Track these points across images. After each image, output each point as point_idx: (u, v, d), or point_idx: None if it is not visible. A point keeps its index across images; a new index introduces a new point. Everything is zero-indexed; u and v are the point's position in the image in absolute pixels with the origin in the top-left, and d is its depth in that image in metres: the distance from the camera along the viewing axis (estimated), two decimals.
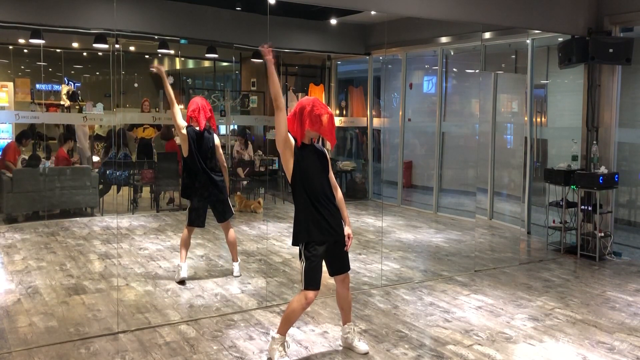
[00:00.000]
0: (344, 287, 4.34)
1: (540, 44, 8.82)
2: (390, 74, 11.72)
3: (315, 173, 4.10)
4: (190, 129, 5.92)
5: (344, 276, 4.31)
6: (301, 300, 4.08)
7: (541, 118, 9.26)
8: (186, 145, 5.87)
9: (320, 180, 4.12)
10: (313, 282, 4.09)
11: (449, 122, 10.42)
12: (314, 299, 4.14)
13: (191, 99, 6.11)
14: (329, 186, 4.18)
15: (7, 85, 10.29)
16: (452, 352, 4.40)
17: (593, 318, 5.21)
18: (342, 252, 4.25)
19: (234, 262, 6.28)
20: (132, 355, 4.26)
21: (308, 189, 4.07)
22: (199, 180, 5.91)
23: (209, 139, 5.98)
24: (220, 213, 6.09)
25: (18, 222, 8.76)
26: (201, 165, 5.89)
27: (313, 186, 4.07)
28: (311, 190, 4.07)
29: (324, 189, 4.12)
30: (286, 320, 4.15)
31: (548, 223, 7.89)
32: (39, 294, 5.56)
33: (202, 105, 5.96)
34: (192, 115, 5.94)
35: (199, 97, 6.18)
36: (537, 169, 8.94)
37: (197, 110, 5.92)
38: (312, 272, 4.08)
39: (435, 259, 7.29)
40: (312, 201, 4.06)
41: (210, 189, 5.94)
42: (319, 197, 4.08)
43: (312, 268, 4.08)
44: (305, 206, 4.07)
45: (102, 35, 8.94)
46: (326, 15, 10.22)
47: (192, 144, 5.87)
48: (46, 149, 10.30)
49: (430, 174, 10.54)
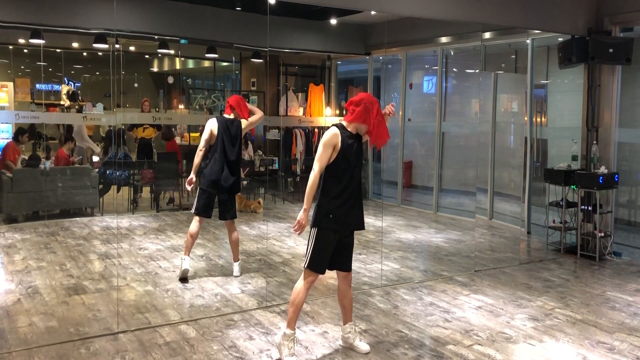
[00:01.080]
0: (346, 284, 4.38)
1: (540, 44, 8.81)
2: (390, 74, 11.72)
3: (354, 165, 4.19)
4: (222, 118, 6.06)
5: (346, 273, 4.35)
6: (305, 281, 4.19)
7: (541, 118, 9.26)
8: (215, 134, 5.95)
9: (355, 172, 4.22)
10: (318, 266, 4.19)
11: (449, 122, 10.42)
12: (315, 280, 4.24)
13: (233, 95, 6.32)
14: (359, 180, 4.28)
15: (7, 85, 10.29)
16: (452, 352, 4.40)
17: (593, 318, 5.21)
18: (349, 250, 4.32)
19: (234, 262, 6.28)
20: (132, 355, 4.26)
21: (345, 177, 4.14)
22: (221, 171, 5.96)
23: (238, 126, 6.10)
24: (228, 211, 6.11)
25: (18, 222, 8.75)
26: (226, 155, 5.98)
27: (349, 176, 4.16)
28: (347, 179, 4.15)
29: (356, 181, 4.24)
30: (293, 307, 4.19)
31: (548, 223, 7.89)
32: (39, 294, 5.56)
33: (242, 100, 6.17)
34: (233, 105, 6.07)
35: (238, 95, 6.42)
36: (537, 169, 8.94)
37: (238, 102, 6.10)
38: (320, 256, 4.18)
39: (435, 259, 7.29)
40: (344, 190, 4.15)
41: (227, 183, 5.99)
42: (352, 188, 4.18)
43: (320, 252, 4.16)
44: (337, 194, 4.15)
45: (102, 35, 8.94)
46: (326, 15, 10.22)
47: (222, 133, 5.97)
48: (46, 149, 10.30)
49: (430, 174, 10.54)
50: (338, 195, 4.16)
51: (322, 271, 4.24)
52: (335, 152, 4.10)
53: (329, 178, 4.17)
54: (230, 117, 6.09)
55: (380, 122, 4.15)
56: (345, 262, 4.33)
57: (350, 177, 4.17)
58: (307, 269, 4.20)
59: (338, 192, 4.16)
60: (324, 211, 4.15)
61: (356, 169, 4.22)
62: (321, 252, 4.17)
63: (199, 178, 6.15)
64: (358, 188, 4.26)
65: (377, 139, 4.19)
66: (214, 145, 6.01)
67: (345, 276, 4.36)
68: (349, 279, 4.38)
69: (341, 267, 4.33)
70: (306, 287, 4.21)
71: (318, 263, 4.19)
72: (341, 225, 4.18)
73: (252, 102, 12.17)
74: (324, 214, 4.14)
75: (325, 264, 4.22)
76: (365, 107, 4.13)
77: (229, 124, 6.05)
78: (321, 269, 4.22)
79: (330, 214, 4.13)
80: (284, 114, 11.59)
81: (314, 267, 4.19)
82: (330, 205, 4.15)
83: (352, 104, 4.21)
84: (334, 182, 4.16)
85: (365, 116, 4.13)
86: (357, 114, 4.14)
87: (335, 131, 4.14)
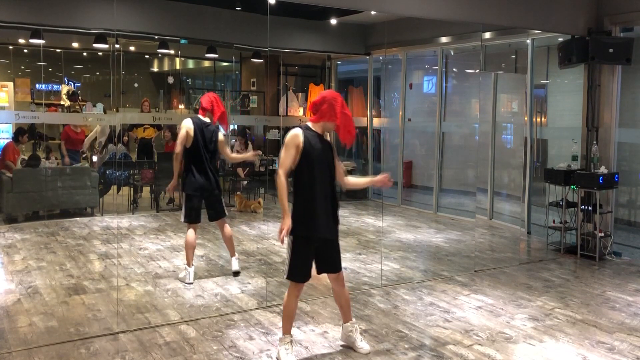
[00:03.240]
0: (339, 284, 4.30)
1: (540, 44, 8.81)
2: (390, 74, 11.72)
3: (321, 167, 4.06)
4: (197, 119, 5.90)
5: (336, 275, 4.27)
6: (290, 292, 4.11)
7: (541, 118, 9.27)
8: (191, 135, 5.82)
9: (324, 176, 4.09)
10: (298, 276, 4.08)
11: (449, 122, 10.42)
12: (302, 288, 4.15)
13: (205, 94, 6.14)
14: (332, 180, 4.15)
15: (7, 85, 10.30)
16: (452, 352, 4.40)
17: (593, 318, 5.21)
18: (332, 252, 4.21)
19: (232, 257, 6.27)
20: (132, 355, 4.26)
21: (312, 180, 4.02)
22: (202, 174, 5.87)
23: (214, 132, 5.96)
24: (216, 211, 6.08)
25: (18, 222, 8.75)
26: (205, 158, 5.87)
27: (317, 178, 4.03)
28: (315, 183, 4.03)
29: (327, 187, 4.10)
30: (285, 317, 4.16)
31: (548, 223, 7.89)
32: (39, 294, 5.56)
33: (216, 99, 6.00)
34: (206, 107, 5.95)
35: (212, 92, 6.22)
36: (537, 169, 8.94)
37: (211, 103, 5.95)
38: (300, 265, 4.07)
39: (435, 259, 7.29)
40: (315, 193, 4.03)
41: (210, 184, 5.92)
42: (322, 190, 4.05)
43: (300, 261, 4.07)
44: (305, 199, 4.04)
45: (102, 35, 8.94)
46: (326, 15, 10.22)
47: (198, 134, 5.83)
48: (46, 149, 10.31)
49: (430, 174, 10.54)
50: (306, 200, 4.02)
51: (303, 279, 4.10)
52: (299, 153, 3.98)
53: (297, 183, 4.05)
54: (205, 120, 5.93)
55: (346, 116, 4.09)
56: (332, 265, 4.22)
57: (319, 181, 4.02)
58: (292, 282, 4.10)
59: (306, 197, 4.03)
60: (293, 217, 4.02)
61: (325, 173, 4.07)
62: (298, 261, 4.05)
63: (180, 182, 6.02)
64: (330, 194, 4.11)
65: (345, 134, 4.10)
66: (191, 149, 5.84)
67: (336, 277, 4.27)
68: (340, 279, 4.29)
69: (329, 270, 4.23)
70: (294, 297, 4.12)
71: (297, 272, 4.07)
72: (310, 232, 4.04)
73: (252, 102, 12.19)
74: (294, 220, 4.01)
75: (306, 271, 4.09)
76: (329, 104, 4.05)
77: (204, 127, 5.88)
78: (301, 278, 4.09)
79: (298, 221, 4.01)
80: (284, 114, 11.60)
81: (293, 277, 4.07)
82: (298, 212, 4.03)
83: (315, 104, 4.11)
84: (301, 187, 4.04)
85: (331, 113, 4.05)
86: (322, 112, 4.06)
87: (297, 131, 4.01)
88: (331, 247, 4.20)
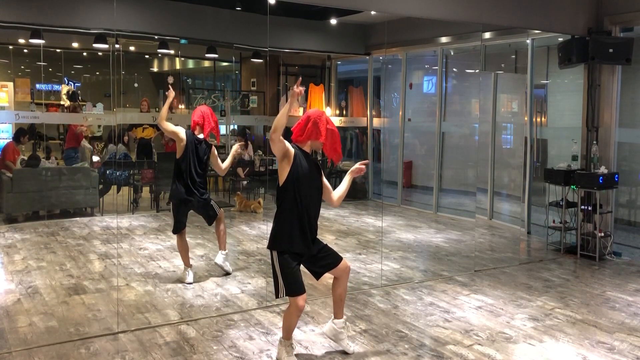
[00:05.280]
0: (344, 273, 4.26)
1: (540, 44, 8.81)
2: (390, 74, 11.72)
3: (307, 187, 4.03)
4: (190, 135, 5.92)
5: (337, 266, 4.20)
6: (292, 309, 4.03)
7: (541, 118, 9.27)
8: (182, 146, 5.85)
9: (311, 192, 4.07)
10: (297, 289, 4.00)
11: (449, 122, 10.42)
12: (304, 303, 4.05)
13: (196, 107, 6.15)
14: (318, 201, 4.13)
15: (7, 85, 10.29)
16: (452, 352, 4.40)
17: (593, 318, 5.21)
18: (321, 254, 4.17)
19: (220, 250, 6.24)
20: (132, 355, 4.26)
21: (299, 198, 3.99)
22: (189, 187, 5.87)
23: (206, 151, 5.98)
24: (209, 215, 6.11)
25: (18, 222, 8.75)
26: (191, 174, 5.87)
27: (304, 197, 4.00)
28: (301, 200, 3.99)
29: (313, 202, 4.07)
30: (286, 328, 4.14)
31: (548, 223, 7.89)
32: (39, 294, 5.56)
33: (206, 114, 5.99)
34: (198, 121, 5.96)
35: (205, 105, 6.21)
36: (537, 169, 8.94)
37: (202, 117, 5.96)
38: (293, 279, 4.00)
39: (435, 259, 7.29)
40: (300, 212, 4.00)
41: (196, 198, 5.92)
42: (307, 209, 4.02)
43: (291, 275, 4.00)
44: (291, 215, 4.00)
45: (102, 35, 8.94)
46: (326, 15, 10.22)
47: (190, 149, 5.86)
48: (46, 149, 10.30)
49: (430, 174, 10.54)
50: (289, 218, 3.99)
51: (302, 289, 4.03)
52: (289, 164, 3.95)
53: (281, 200, 4.02)
54: (199, 136, 5.94)
55: (333, 133, 4.11)
56: (330, 263, 4.19)
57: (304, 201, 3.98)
58: (288, 297, 4.03)
59: (288, 215, 4.00)
60: (274, 234, 4.02)
61: (310, 195, 4.03)
62: (289, 277, 4.00)
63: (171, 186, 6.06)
64: (314, 215, 4.08)
65: (332, 152, 4.14)
66: (180, 160, 5.87)
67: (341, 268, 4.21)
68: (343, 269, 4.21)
69: (330, 267, 4.20)
70: (296, 316, 4.05)
71: (294, 285, 4.00)
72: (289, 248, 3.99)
73: (252, 102, 12.19)
74: (274, 237, 4.02)
75: (300, 281, 4.03)
76: (314, 122, 4.06)
77: (197, 143, 5.91)
78: (300, 288, 4.01)
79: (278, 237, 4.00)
80: None
81: (293, 291, 4.00)
82: (279, 228, 4.02)
83: (299, 126, 4.11)
84: (285, 205, 4.01)
85: (316, 131, 4.06)
86: (309, 132, 4.06)
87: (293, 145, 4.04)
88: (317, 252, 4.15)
